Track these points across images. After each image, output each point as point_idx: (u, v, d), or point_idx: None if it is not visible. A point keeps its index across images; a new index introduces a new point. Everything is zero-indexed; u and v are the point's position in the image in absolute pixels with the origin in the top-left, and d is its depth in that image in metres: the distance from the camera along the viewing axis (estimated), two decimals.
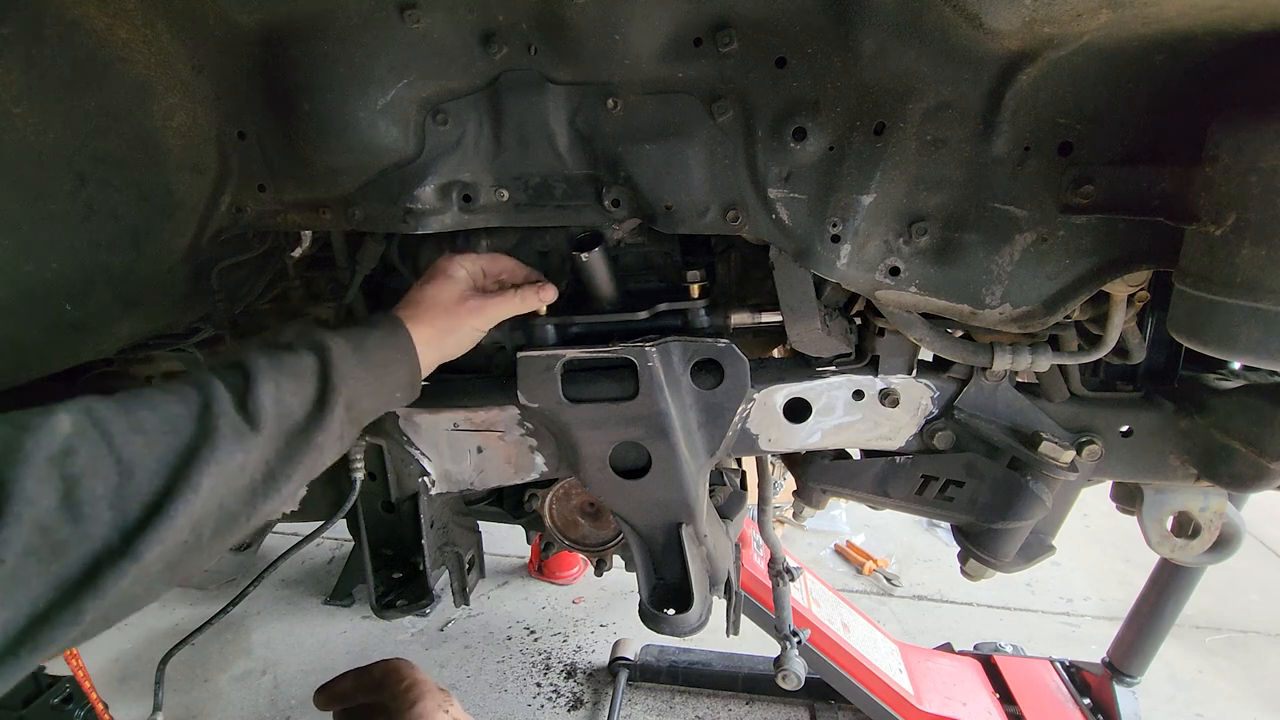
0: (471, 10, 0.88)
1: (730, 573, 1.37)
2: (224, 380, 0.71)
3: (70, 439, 0.59)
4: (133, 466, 0.61)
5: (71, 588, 0.55)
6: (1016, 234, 0.92)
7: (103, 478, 0.59)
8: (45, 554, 0.54)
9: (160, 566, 0.61)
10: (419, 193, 0.98)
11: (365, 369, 0.84)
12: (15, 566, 0.52)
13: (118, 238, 0.96)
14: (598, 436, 1.08)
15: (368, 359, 0.85)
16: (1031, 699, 2.33)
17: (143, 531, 0.59)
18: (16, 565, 0.52)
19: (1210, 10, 0.72)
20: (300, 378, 0.77)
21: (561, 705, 2.67)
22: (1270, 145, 0.69)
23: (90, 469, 0.58)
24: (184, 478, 0.63)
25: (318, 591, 3.32)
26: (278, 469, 0.72)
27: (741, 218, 0.97)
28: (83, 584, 0.56)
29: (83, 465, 0.58)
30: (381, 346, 0.88)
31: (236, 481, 0.68)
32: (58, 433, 0.58)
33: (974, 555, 1.25)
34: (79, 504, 0.56)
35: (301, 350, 0.79)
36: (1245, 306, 0.72)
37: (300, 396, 0.76)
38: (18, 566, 0.52)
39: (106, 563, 0.57)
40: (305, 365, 0.78)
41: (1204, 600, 2.60)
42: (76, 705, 1.98)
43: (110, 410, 0.63)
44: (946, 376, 1.16)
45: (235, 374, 0.73)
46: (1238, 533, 1.26)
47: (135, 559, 0.58)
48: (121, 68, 0.89)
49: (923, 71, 0.84)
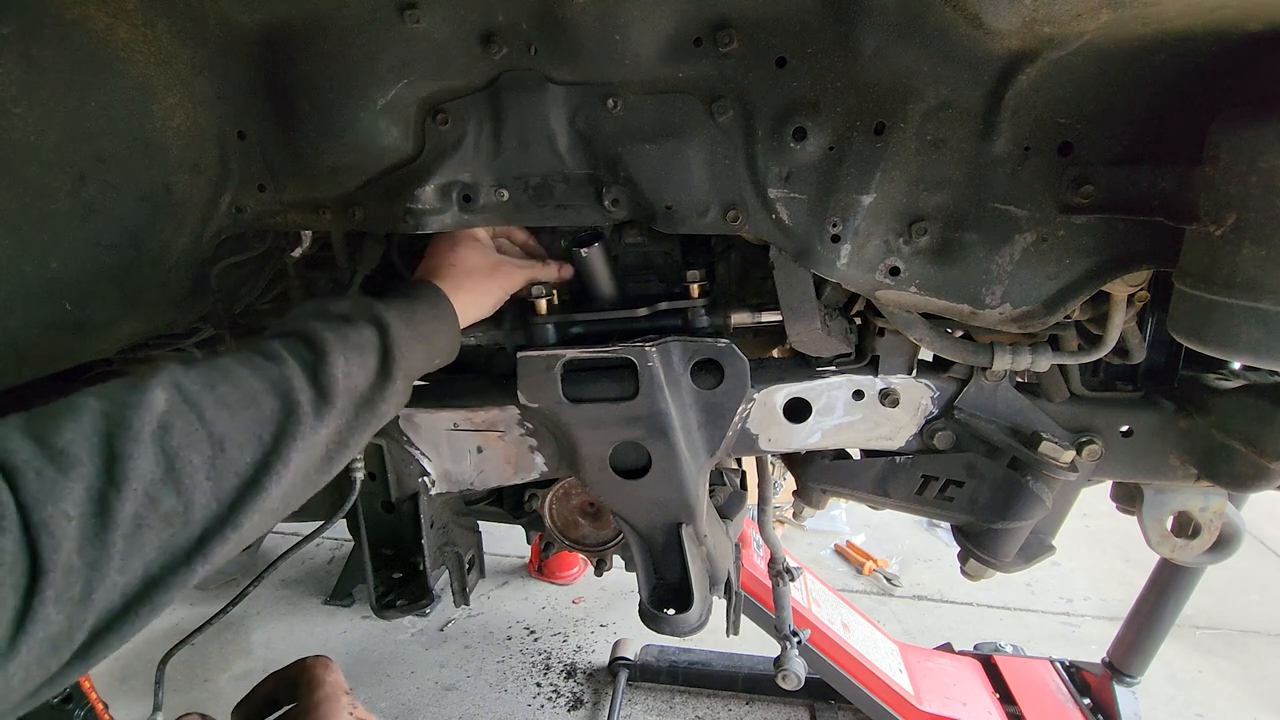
0: (471, 10, 0.88)
1: (730, 573, 1.37)
2: (294, 354, 0.76)
3: (166, 414, 0.63)
4: (224, 440, 0.65)
5: (183, 555, 0.61)
6: (1016, 234, 0.92)
7: (199, 451, 0.63)
8: (156, 523, 0.59)
9: (253, 530, 0.67)
10: (419, 193, 0.98)
11: (417, 339, 0.89)
12: (130, 534, 0.57)
13: (118, 238, 0.96)
14: (598, 436, 1.08)
15: (418, 330, 0.90)
16: (1031, 699, 2.33)
17: (242, 502, 0.65)
18: (132, 533, 0.57)
19: (1210, 10, 0.72)
20: (364, 351, 0.82)
21: (561, 705, 2.67)
22: (1270, 145, 0.69)
23: (186, 443, 0.63)
24: (276, 453, 0.68)
25: (318, 591, 3.32)
26: (348, 437, 0.78)
27: (741, 217, 0.97)
28: (193, 551, 0.61)
29: (179, 439, 0.62)
30: (429, 318, 0.93)
31: (316, 452, 0.74)
32: (156, 408, 0.63)
33: (974, 555, 1.25)
34: (180, 476, 0.61)
35: (361, 324, 0.83)
36: (1245, 306, 0.72)
37: (366, 370, 0.81)
38: (133, 534, 0.57)
39: (214, 530, 0.63)
40: (366, 339, 0.83)
41: (1204, 600, 2.60)
42: (76, 705, 1.97)
43: (196, 384, 0.67)
44: (946, 376, 1.16)
45: (303, 346, 0.78)
46: (1238, 533, 1.26)
47: (237, 527, 0.64)
48: (121, 68, 0.89)
49: (923, 71, 0.84)
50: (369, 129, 0.95)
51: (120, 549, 0.56)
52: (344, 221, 1.05)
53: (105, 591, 0.55)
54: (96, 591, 0.55)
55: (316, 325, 0.80)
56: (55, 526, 0.53)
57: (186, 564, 0.61)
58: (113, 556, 0.56)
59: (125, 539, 0.57)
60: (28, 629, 0.50)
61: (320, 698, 0.83)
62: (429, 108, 0.96)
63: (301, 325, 0.80)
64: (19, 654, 0.50)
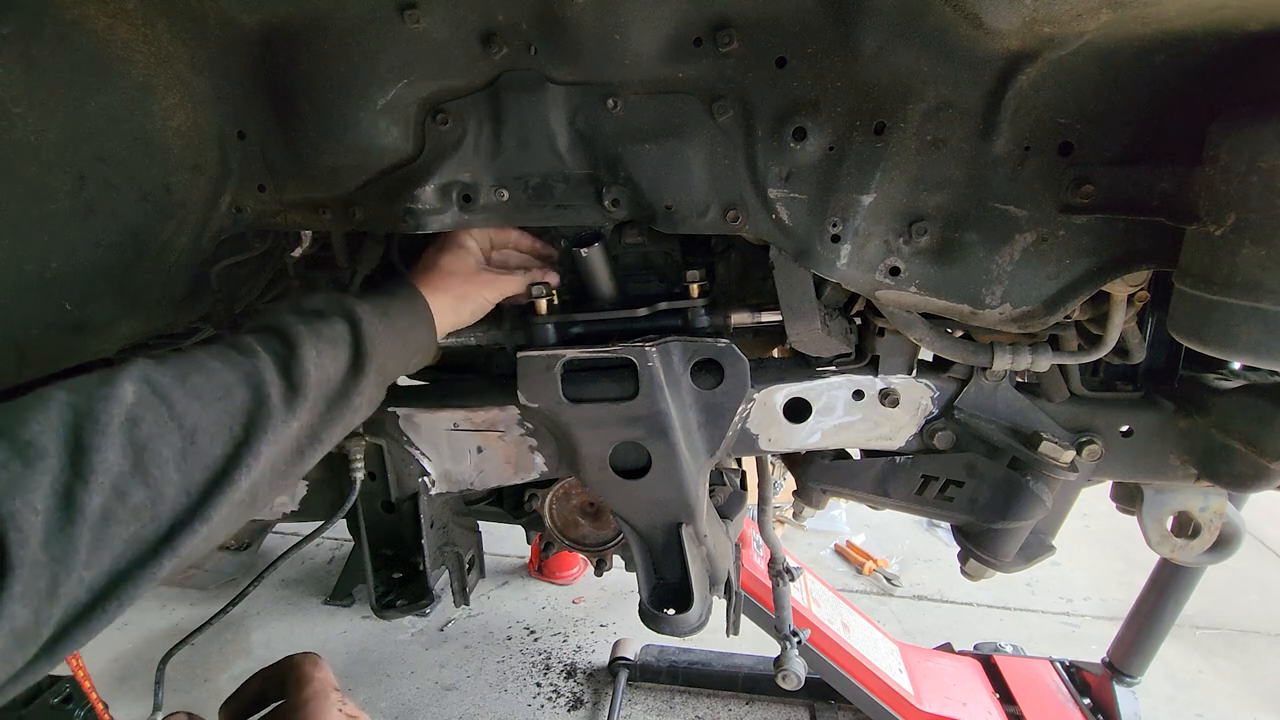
0: (472, 10, 0.88)
1: (730, 573, 1.37)
2: (266, 347, 0.76)
3: (135, 407, 0.62)
4: (194, 432, 0.65)
5: (150, 547, 0.60)
6: (1016, 234, 0.92)
7: (168, 443, 0.63)
8: (124, 516, 0.58)
9: (222, 524, 0.66)
10: (419, 193, 0.98)
11: (391, 335, 0.88)
12: (97, 528, 0.56)
13: (118, 238, 0.96)
14: (598, 436, 1.08)
15: (392, 326, 0.89)
16: (1031, 699, 2.33)
17: (210, 494, 0.64)
18: (99, 527, 0.56)
19: (1210, 10, 0.72)
20: (335, 344, 0.81)
21: (561, 705, 2.67)
22: (1270, 145, 0.69)
23: (156, 435, 0.62)
24: (246, 445, 0.68)
25: (318, 591, 3.32)
26: (320, 430, 0.78)
27: (741, 217, 0.97)
28: (161, 544, 0.61)
29: (148, 432, 0.62)
30: (403, 314, 0.93)
31: (286, 445, 0.73)
32: (124, 400, 0.62)
33: (974, 555, 1.25)
34: (148, 469, 0.61)
35: (334, 318, 0.83)
36: (1245, 306, 0.72)
37: (338, 363, 0.81)
38: (100, 528, 0.56)
39: (182, 523, 0.62)
40: (339, 332, 0.82)
41: (1204, 600, 2.59)
42: (76, 705, 1.97)
43: (167, 377, 0.67)
44: (946, 376, 1.16)
45: (275, 339, 0.77)
46: (1238, 533, 1.26)
47: (205, 520, 0.63)
48: (121, 68, 0.89)
49: (923, 71, 0.84)
50: (369, 129, 0.95)
51: (87, 543, 0.55)
52: (344, 221, 1.05)
53: (72, 586, 0.54)
54: (63, 586, 0.54)
55: (290, 319, 0.80)
56: (22, 520, 0.52)
57: (154, 558, 0.60)
58: (79, 551, 0.55)
59: (92, 532, 0.56)
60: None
61: (309, 695, 0.83)
62: (429, 108, 0.96)
63: (275, 320, 0.80)
64: None
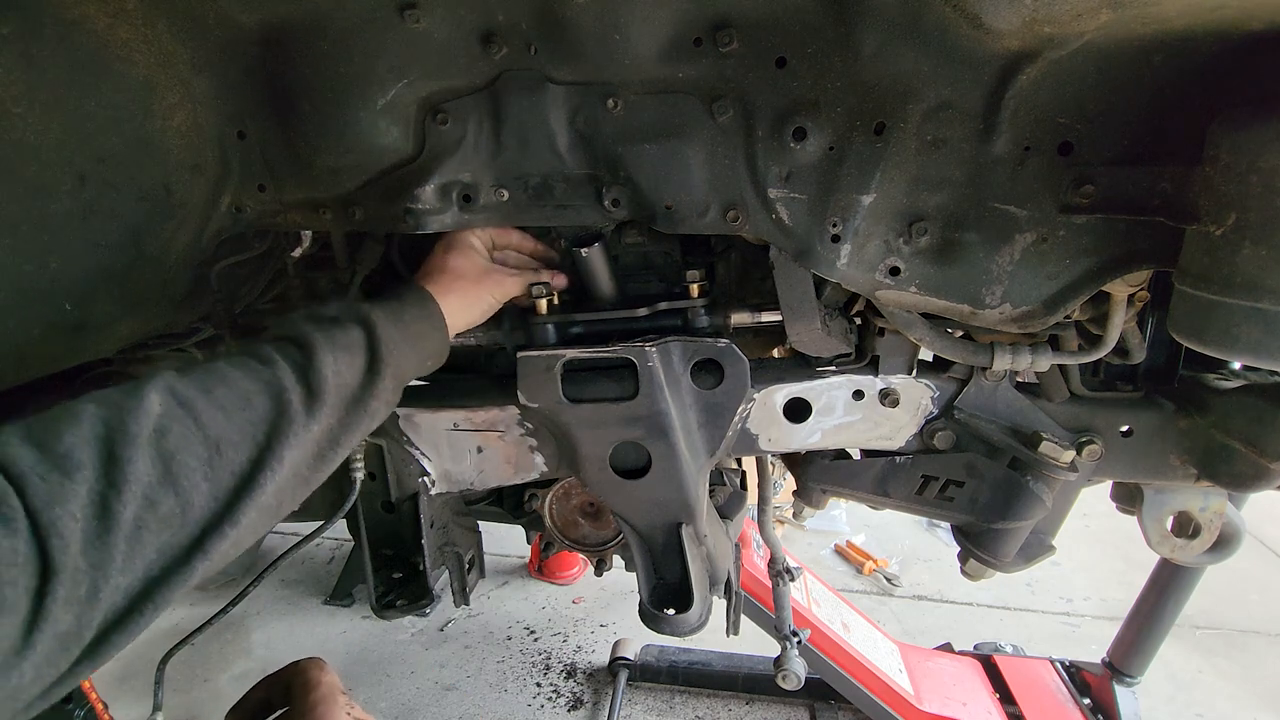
0: (471, 10, 0.88)
1: (730, 573, 1.37)
2: (284, 355, 0.78)
3: (161, 418, 0.65)
4: (219, 441, 0.67)
5: (183, 553, 0.63)
6: (1016, 234, 0.92)
7: (195, 453, 0.65)
8: (155, 525, 0.61)
9: (250, 528, 0.69)
10: (419, 192, 0.98)
11: (405, 339, 0.90)
12: (131, 535, 0.59)
13: (118, 238, 0.96)
14: (598, 436, 1.08)
15: (406, 330, 0.91)
16: (1031, 699, 2.33)
17: (237, 500, 0.67)
18: (133, 534, 0.59)
19: (1210, 10, 0.72)
20: (351, 350, 0.83)
21: (561, 705, 2.67)
22: (1270, 145, 0.69)
23: (182, 445, 0.64)
24: (270, 451, 0.70)
25: (318, 591, 3.32)
26: (339, 435, 0.80)
27: (741, 217, 0.97)
28: (192, 549, 0.63)
29: (175, 443, 0.64)
30: (417, 319, 0.94)
31: (308, 450, 0.76)
32: (151, 412, 0.64)
33: (974, 555, 1.25)
34: (177, 478, 0.63)
35: (349, 324, 0.85)
36: (1245, 306, 0.72)
37: (354, 368, 0.83)
38: (134, 536, 0.59)
39: (211, 529, 0.65)
40: (354, 338, 0.84)
41: (1204, 600, 2.59)
42: (76, 705, 1.97)
43: (190, 388, 0.69)
44: (946, 376, 1.16)
45: (292, 348, 0.79)
46: (1238, 533, 1.26)
47: (234, 524, 0.66)
48: (122, 68, 0.89)
49: (923, 71, 0.84)
50: (369, 129, 0.95)
51: (122, 550, 0.58)
52: (344, 221, 1.05)
53: (110, 592, 0.57)
54: (102, 592, 0.56)
55: (306, 328, 0.82)
56: (64, 528, 0.55)
57: (187, 563, 0.62)
58: (115, 558, 0.57)
59: (127, 540, 0.58)
60: (40, 628, 0.52)
61: (316, 699, 0.84)
62: (429, 108, 0.96)
63: (291, 328, 0.82)
64: (33, 651, 0.52)
